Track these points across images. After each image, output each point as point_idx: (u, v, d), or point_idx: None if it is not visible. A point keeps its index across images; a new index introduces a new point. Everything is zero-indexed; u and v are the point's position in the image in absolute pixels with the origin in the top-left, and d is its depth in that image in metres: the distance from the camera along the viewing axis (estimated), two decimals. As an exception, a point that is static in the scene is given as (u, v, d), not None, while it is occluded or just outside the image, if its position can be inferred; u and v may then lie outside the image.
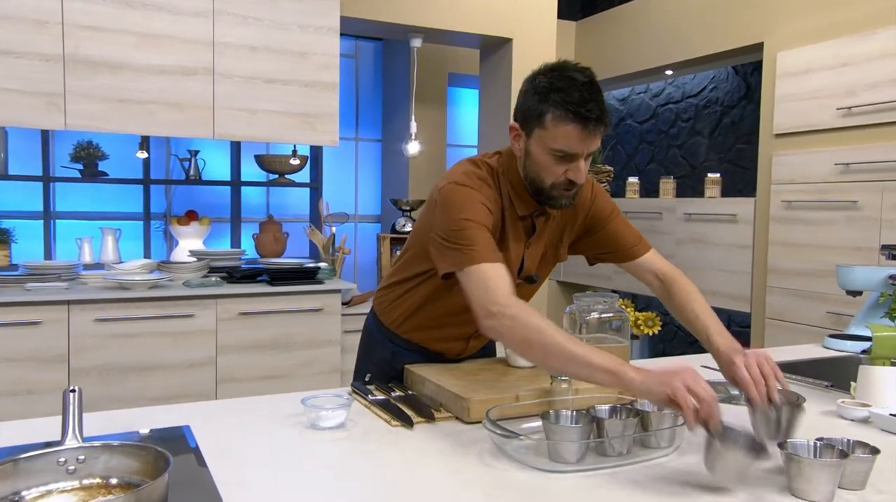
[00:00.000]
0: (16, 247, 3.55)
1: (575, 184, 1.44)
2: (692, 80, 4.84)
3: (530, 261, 1.61)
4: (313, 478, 1.11)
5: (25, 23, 2.80)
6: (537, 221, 1.58)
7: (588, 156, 1.43)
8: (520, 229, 1.57)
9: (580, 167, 1.42)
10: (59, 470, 0.98)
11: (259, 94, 3.22)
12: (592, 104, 1.36)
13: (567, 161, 1.42)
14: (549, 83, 1.39)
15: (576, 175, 1.43)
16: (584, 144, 1.39)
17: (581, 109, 1.35)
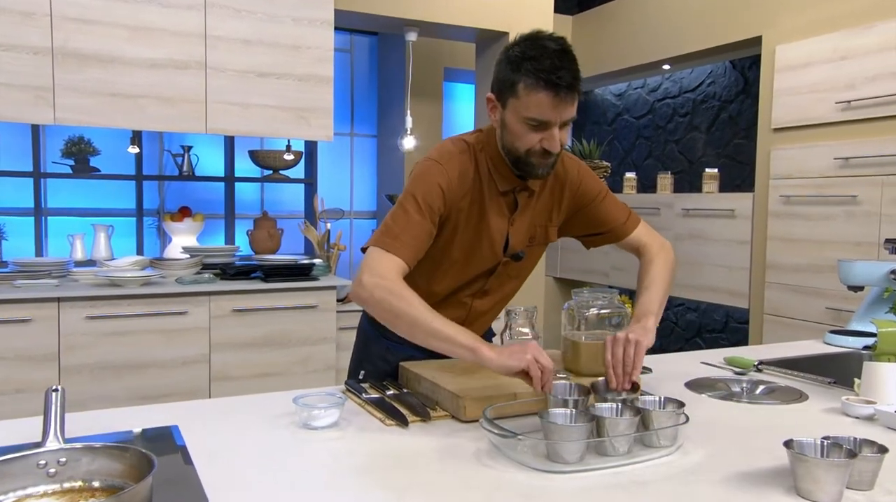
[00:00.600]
0: (7, 244, 3.51)
1: (550, 152, 1.44)
2: (689, 75, 4.81)
3: (515, 239, 1.60)
4: (304, 479, 1.08)
5: (12, 14, 2.75)
6: (519, 197, 1.58)
7: (564, 125, 1.43)
8: (502, 205, 1.57)
9: (554, 135, 1.42)
10: (39, 473, 0.95)
11: (252, 88, 3.18)
12: (564, 71, 1.36)
13: (541, 129, 1.42)
14: (521, 52, 1.39)
15: (550, 143, 1.43)
16: (557, 112, 1.39)
17: (552, 76, 1.35)
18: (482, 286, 1.65)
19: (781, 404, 1.53)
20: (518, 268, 1.67)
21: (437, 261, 1.58)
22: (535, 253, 1.68)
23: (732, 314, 4.54)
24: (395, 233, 1.45)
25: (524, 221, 1.61)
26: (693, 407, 1.47)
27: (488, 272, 1.63)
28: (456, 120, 5.02)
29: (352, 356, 1.79)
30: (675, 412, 1.23)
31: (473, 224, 1.55)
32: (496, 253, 1.60)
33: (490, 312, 1.73)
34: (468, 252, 1.58)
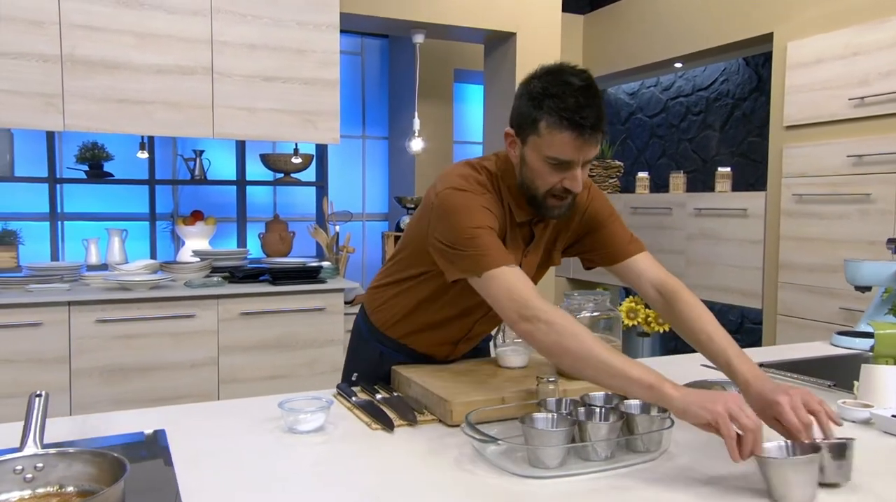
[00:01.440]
0: (23, 248, 3.57)
1: (571, 192, 1.39)
2: (703, 73, 4.75)
3: (527, 269, 1.54)
4: (283, 484, 1.08)
5: (21, 23, 2.80)
6: (536, 229, 1.52)
7: (585, 164, 1.37)
8: (518, 237, 1.51)
9: (576, 176, 1.36)
10: (16, 478, 0.96)
11: (258, 93, 3.20)
12: (588, 110, 1.29)
13: (563, 169, 1.36)
14: (543, 88, 1.33)
15: (572, 184, 1.37)
16: (580, 152, 1.33)
17: (576, 116, 1.29)
18: (486, 312, 1.58)
19: (778, 407, 1.50)
20: None
21: (449, 286, 1.49)
22: (537, 276, 1.63)
23: (747, 314, 4.48)
24: (484, 251, 1.33)
25: (538, 252, 1.56)
26: (686, 411, 1.46)
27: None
28: (466, 121, 5.01)
29: (346, 358, 1.79)
30: (661, 417, 1.21)
31: None
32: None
33: (489, 330, 1.70)
34: None
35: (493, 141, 4.17)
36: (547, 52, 3.91)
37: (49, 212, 3.61)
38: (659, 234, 4.30)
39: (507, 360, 1.59)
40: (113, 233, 3.63)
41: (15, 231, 3.50)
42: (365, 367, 1.68)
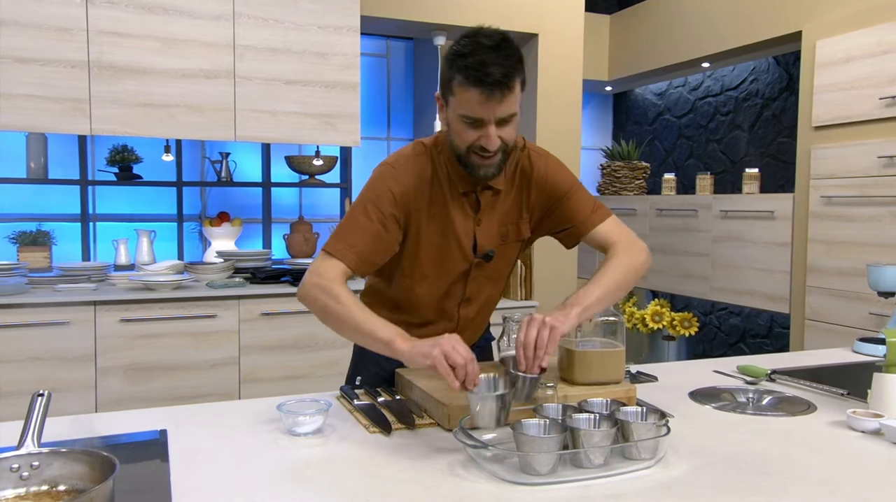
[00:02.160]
0: (57, 248, 3.66)
1: (488, 150, 1.40)
2: (731, 72, 4.67)
3: (484, 238, 1.58)
4: (271, 485, 1.09)
5: (50, 30, 2.88)
6: (482, 196, 1.55)
7: (503, 122, 1.39)
8: (465, 205, 1.55)
9: (490, 133, 1.38)
10: (13, 476, 0.98)
11: (280, 96, 3.24)
12: (494, 67, 1.31)
13: (477, 127, 1.39)
14: (456, 49, 1.37)
15: (486, 141, 1.39)
16: (488, 109, 1.35)
17: (480, 73, 1.31)
18: (462, 293, 1.63)
19: (786, 416, 1.47)
20: (493, 269, 1.64)
21: (411, 269, 1.58)
22: (509, 251, 1.64)
23: (777, 319, 4.39)
24: (341, 237, 1.47)
25: (493, 220, 1.58)
26: (690, 419, 1.44)
27: (464, 275, 1.61)
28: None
29: (350, 362, 1.80)
30: (656, 424, 1.19)
31: (439, 227, 1.54)
32: (466, 254, 1.57)
33: (477, 319, 1.72)
34: (438, 255, 1.57)
35: (515, 142, 4.15)
36: (569, 53, 3.88)
37: (80, 214, 3.70)
38: (685, 237, 4.24)
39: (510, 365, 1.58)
40: (142, 233, 3.70)
41: (48, 232, 3.60)
42: (368, 371, 1.69)
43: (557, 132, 3.93)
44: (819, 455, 1.24)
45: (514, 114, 1.39)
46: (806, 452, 1.25)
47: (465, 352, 1.23)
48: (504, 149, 1.43)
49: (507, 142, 1.42)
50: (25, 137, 3.44)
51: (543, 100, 3.86)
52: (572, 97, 3.94)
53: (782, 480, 1.12)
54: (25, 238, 3.51)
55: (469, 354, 1.24)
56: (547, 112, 3.89)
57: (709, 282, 4.07)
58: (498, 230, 1.59)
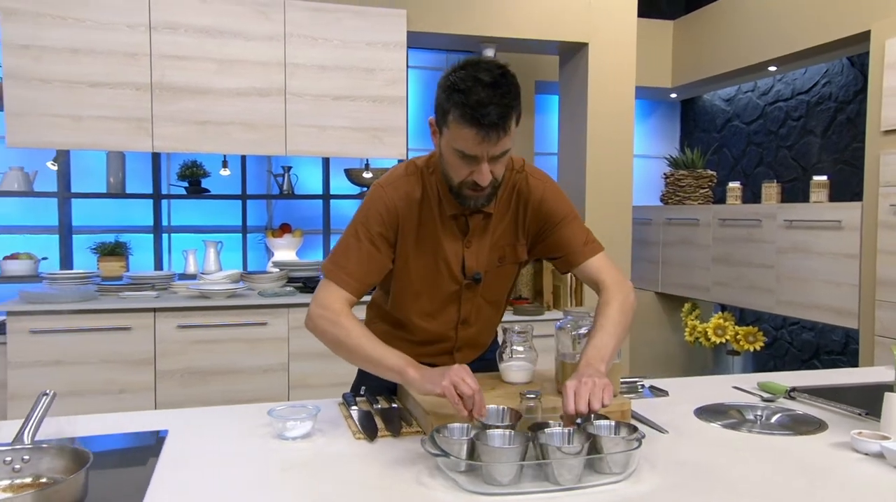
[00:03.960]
0: (133, 258, 3.92)
1: (480, 185, 1.41)
2: (803, 76, 4.46)
3: (474, 260, 1.58)
4: (242, 486, 1.14)
5: (119, 56, 3.10)
6: (472, 220, 1.55)
7: (496, 158, 1.39)
8: (454, 228, 1.56)
9: (483, 170, 1.39)
10: (6, 468, 1.08)
11: (328, 111, 3.36)
12: (492, 107, 1.31)
13: (470, 163, 1.40)
14: (454, 82, 1.35)
15: (479, 177, 1.40)
16: (483, 148, 1.36)
17: (477, 114, 1.32)
18: (458, 315, 1.63)
19: (792, 435, 1.41)
20: (489, 292, 1.63)
21: (402, 288, 1.60)
22: (506, 273, 1.64)
23: (853, 334, 4.14)
24: (340, 264, 1.52)
25: (484, 243, 1.58)
26: (686, 436, 1.40)
27: (456, 297, 1.61)
28: (548, 132, 4.97)
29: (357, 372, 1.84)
30: (626, 438, 1.18)
31: (428, 248, 1.56)
32: (455, 276, 1.58)
33: (478, 338, 1.72)
34: (427, 276, 1.58)
35: (567, 152, 4.12)
36: (621, 61, 3.82)
37: (153, 226, 3.94)
38: (748, 248, 4.07)
39: (509, 376, 1.59)
40: (209, 244, 3.91)
41: (125, 243, 3.86)
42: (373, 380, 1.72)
43: (609, 141, 3.87)
44: (808, 477, 1.19)
45: (507, 150, 1.40)
46: (794, 474, 1.20)
47: (472, 382, 1.27)
48: (494, 183, 1.44)
49: (497, 177, 1.44)
50: (105, 155, 3.71)
51: (595, 109, 3.82)
52: (624, 106, 3.87)
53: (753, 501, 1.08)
54: (104, 248, 3.77)
55: (476, 385, 1.27)
56: (598, 121, 3.84)
57: (774, 295, 3.89)
58: (490, 253, 1.59)
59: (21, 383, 2.92)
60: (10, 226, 3.76)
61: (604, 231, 3.93)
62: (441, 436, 1.19)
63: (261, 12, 3.25)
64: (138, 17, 3.11)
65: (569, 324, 1.54)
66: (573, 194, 4.02)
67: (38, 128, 3.05)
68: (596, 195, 3.90)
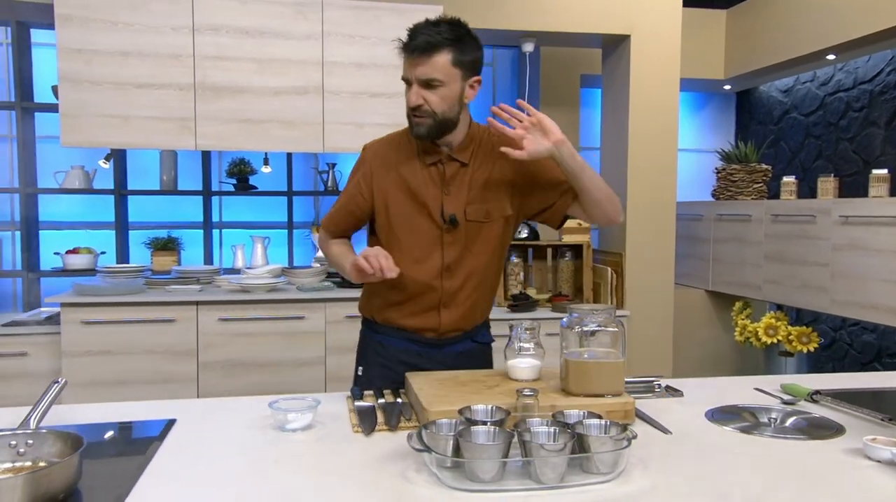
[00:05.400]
0: (185, 253, 4.07)
1: (415, 108, 1.63)
2: (866, 64, 4.24)
3: (452, 206, 1.71)
4: (230, 474, 1.17)
5: (164, 58, 3.21)
6: (447, 167, 1.72)
7: (427, 86, 1.60)
8: (433, 175, 1.72)
9: (411, 92, 1.63)
10: (11, 451, 1.14)
11: (365, 108, 3.39)
12: (420, 35, 1.58)
13: (409, 87, 1.65)
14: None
15: (408, 98, 1.64)
16: (411, 70, 1.62)
17: (408, 38, 1.61)
18: (441, 261, 1.73)
19: (805, 440, 1.35)
20: (472, 239, 1.73)
21: (387, 238, 1.76)
22: (493, 229, 1.75)
23: (916, 336, 3.92)
24: (330, 211, 1.86)
25: (462, 192, 1.71)
26: (691, 438, 1.36)
27: (438, 241, 1.72)
28: (594, 125, 4.88)
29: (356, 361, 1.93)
30: (615, 437, 1.15)
31: (407, 194, 1.72)
32: (435, 219, 1.71)
33: (463, 293, 1.77)
34: (408, 216, 1.73)
35: (609, 147, 4.04)
36: (664, 54, 3.72)
37: (203, 221, 4.07)
38: (802, 244, 3.90)
39: (515, 373, 1.57)
40: (256, 240, 4.01)
41: (176, 238, 4.00)
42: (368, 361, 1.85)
43: (652, 136, 3.78)
44: (807, 483, 1.13)
45: (436, 79, 1.60)
46: (793, 480, 1.15)
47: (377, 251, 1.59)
48: (433, 115, 1.63)
49: (432, 107, 1.62)
50: (159, 154, 3.85)
51: (637, 103, 3.73)
52: (668, 99, 3.77)
53: (741, 507, 1.04)
54: (157, 243, 3.92)
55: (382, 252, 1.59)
56: (641, 116, 3.75)
57: (828, 295, 3.72)
58: (474, 204, 1.72)
59: (74, 371, 3.06)
60: (73, 222, 3.95)
61: (645, 228, 3.84)
62: (429, 432, 1.19)
63: (299, 12, 3.30)
64: (182, 19, 3.21)
65: (574, 321, 1.51)
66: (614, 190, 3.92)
67: (90, 128, 3.19)
68: (638, 191, 3.81)
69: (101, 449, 1.29)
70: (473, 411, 1.28)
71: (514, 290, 3.81)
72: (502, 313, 3.60)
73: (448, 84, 1.61)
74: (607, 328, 1.45)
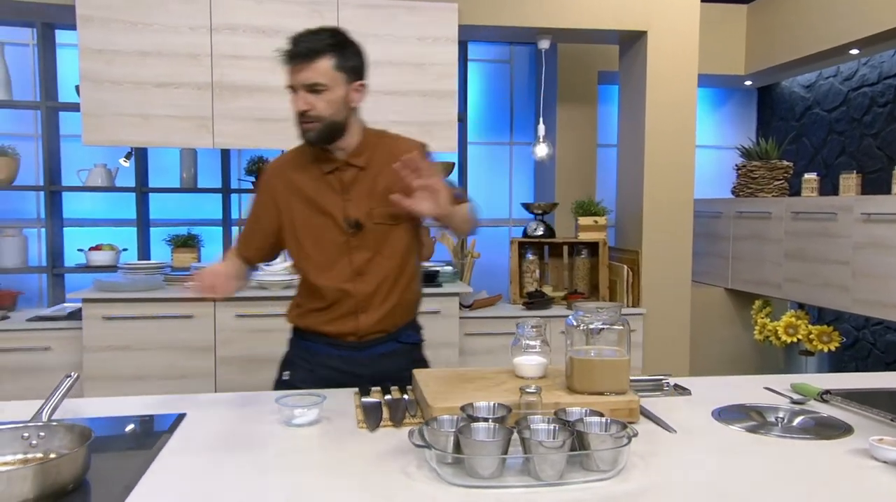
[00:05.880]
0: (205, 250, 4.12)
1: (303, 114, 1.67)
2: (891, 58, 4.17)
3: (355, 210, 1.75)
4: (232, 468, 1.19)
5: (181, 57, 3.25)
6: (344, 174, 1.76)
7: (311, 90, 1.65)
8: (332, 183, 1.76)
9: (297, 98, 1.68)
10: (23, 443, 1.17)
11: (380, 106, 3.40)
12: (301, 43, 1.64)
13: (294, 94, 1.69)
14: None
15: (294, 104, 1.69)
16: (295, 77, 1.67)
17: (288, 46, 1.66)
18: (350, 266, 1.75)
19: (811, 439, 1.34)
20: (379, 242, 1.75)
21: (297, 251, 1.80)
22: (401, 231, 1.78)
23: (941, 336, 3.85)
24: (241, 238, 1.90)
25: (363, 196, 1.75)
26: (694, 437, 1.36)
27: (345, 248, 1.75)
28: (612, 123, 4.85)
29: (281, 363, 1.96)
30: (615, 435, 1.15)
31: (310, 205, 1.76)
32: (339, 226, 1.74)
33: (377, 295, 1.78)
34: (314, 227, 1.76)
35: (626, 144, 4.02)
36: (681, 50, 3.68)
37: (222, 219, 4.12)
38: (822, 243, 3.85)
39: (521, 370, 1.58)
40: (274, 237, 4.05)
41: (196, 235, 4.05)
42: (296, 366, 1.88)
43: (669, 133, 3.75)
44: (808, 483, 1.13)
45: (319, 84, 1.65)
46: (795, 479, 1.14)
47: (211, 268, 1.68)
48: (321, 119, 1.67)
49: (319, 111, 1.67)
50: (179, 152, 3.90)
51: (653, 99, 3.70)
52: (685, 96, 3.74)
53: (740, 506, 1.03)
54: (178, 240, 3.98)
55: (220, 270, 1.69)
56: (657, 112, 3.72)
57: (850, 293, 3.66)
58: (378, 207, 1.74)
59: (95, 366, 3.12)
60: (96, 219, 4.02)
61: (662, 226, 3.81)
62: (430, 429, 1.20)
63: (315, 11, 3.33)
64: (200, 19, 3.25)
65: (580, 319, 1.51)
66: (631, 187, 3.92)
67: (111, 126, 3.24)
68: (654, 189, 3.78)
69: (112, 442, 1.32)
70: (476, 408, 1.29)
71: (530, 288, 3.80)
72: (517, 311, 3.60)
73: (332, 88, 1.67)
74: (613, 326, 1.45)
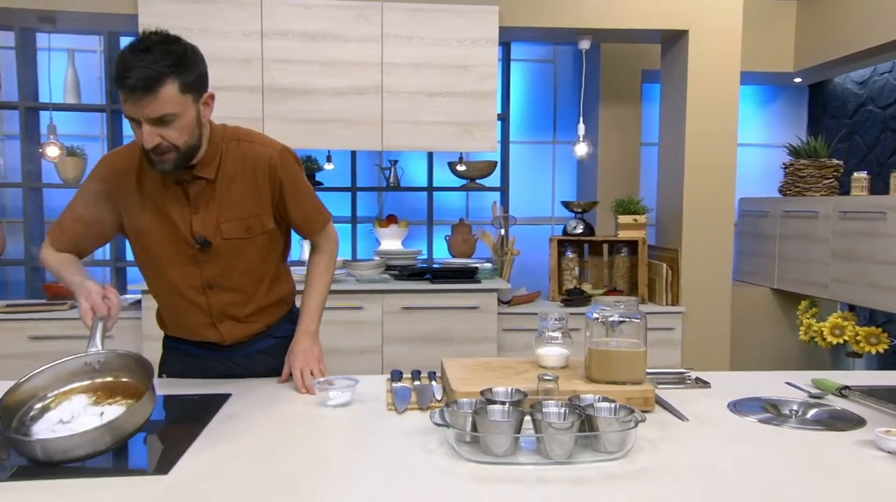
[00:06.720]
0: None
1: (157, 147, 1.46)
2: (948, 53, 4.06)
3: (201, 225, 1.62)
4: (269, 443, 1.30)
5: (235, 62, 3.42)
6: (191, 187, 1.61)
7: (161, 122, 1.43)
8: (179, 193, 1.62)
9: (143, 132, 1.44)
10: (88, 369, 1.35)
11: (422, 107, 3.51)
12: (136, 71, 1.38)
13: (138, 126, 1.46)
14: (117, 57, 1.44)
15: (143, 139, 1.46)
16: (137, 110, 1.42)
17: (122, 77, 1.39)
18: (200, 279, 1.67)
19: (823, 430, 1.38)
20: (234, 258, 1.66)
21: (144, 255, 1.68)
22: (257, 244, 1.68)
23: None
24: (60, 219, 1.68)
25: (213, 210, 1.62)
26: (706, 425, 1.41)
27: (194, 261, 1.65)
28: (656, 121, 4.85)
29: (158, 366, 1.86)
30: (623, 419, 1.22)
31: (154, 213, 1.62)
32: (186, 240, 1.63)
33: (234, 307, 1.72)
34: (158, 236, 1.64)
35: (667, 144, 4.02)
36: (723, 49, 3.68)
37: (272, 216, 4.28)
38: (870, 242, 3.78)
39: (544, 360, 1.65)
40: (321, 234, 4.20)
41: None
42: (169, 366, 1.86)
43: (710, 133, 3.75)
44: (812, 471, 1.17)
45: (168, 114, 1.43)
46: (799, 467, 1.19)
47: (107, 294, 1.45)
48: (176, 149, 1.48)
49: (172, 141, 1.47)
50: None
51: (695, 99, 3.71)
52: (727, 95, 3.73)
53: (738, 492, 1.09)
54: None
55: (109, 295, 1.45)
56: (699, 112, 3.73)
57: (898, 294, 3.60)
58: (231, 222, 1.63)
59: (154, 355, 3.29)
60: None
61: (703, 225, 3.81)
62: (450, 410, 1.29)
63: (360, 15, 3.45)
64: (252, 25, 3.41)
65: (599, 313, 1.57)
66: (671, 186, 3.93)
67: (168, 128, 3.43)
68: (695, 188, 3.79)
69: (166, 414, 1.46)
70: (494, 393, 1.37)
71: (570, 285, 3.85)
72: (555, 308, 3.66)
73: (182, 114, 1.45)
74: (631, 320, 1.51)
